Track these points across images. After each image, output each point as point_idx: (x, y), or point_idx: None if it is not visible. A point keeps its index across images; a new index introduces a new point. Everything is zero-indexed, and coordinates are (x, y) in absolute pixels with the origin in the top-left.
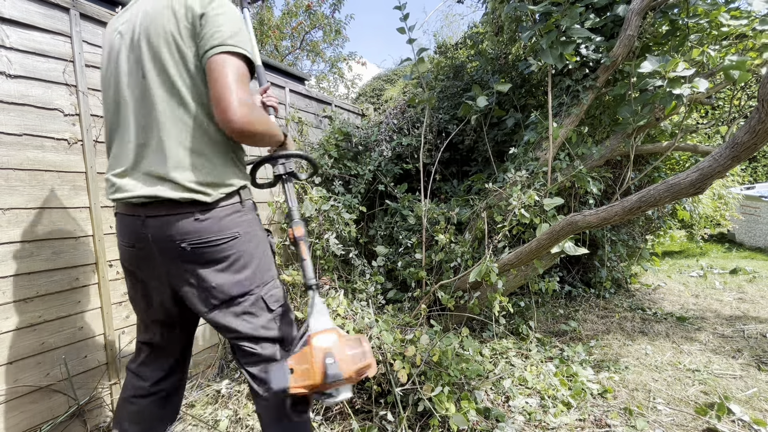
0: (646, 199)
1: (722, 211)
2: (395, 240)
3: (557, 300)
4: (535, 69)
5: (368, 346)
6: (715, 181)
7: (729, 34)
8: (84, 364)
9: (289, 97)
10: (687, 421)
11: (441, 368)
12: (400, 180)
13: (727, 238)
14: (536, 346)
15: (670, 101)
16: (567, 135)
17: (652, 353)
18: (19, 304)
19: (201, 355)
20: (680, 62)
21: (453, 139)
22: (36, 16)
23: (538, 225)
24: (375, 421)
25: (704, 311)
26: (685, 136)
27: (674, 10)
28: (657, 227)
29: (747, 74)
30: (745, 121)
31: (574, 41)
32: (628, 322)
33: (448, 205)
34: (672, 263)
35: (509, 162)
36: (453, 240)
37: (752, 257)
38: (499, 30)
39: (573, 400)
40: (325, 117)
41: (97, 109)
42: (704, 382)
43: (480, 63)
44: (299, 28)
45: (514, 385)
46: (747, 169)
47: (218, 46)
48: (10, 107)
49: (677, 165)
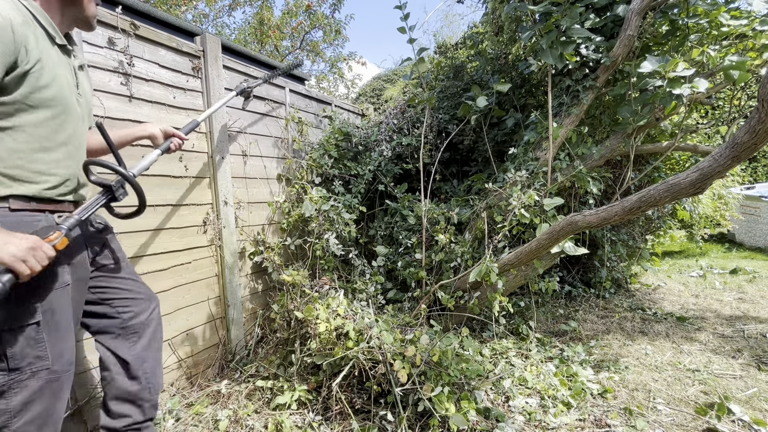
0: (646, 199)
1: (722, 211)
2: (395, 240)
3: (557, 300)
4: (535, 69)
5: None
6: (715, 181)
7: (729, 34)
8: (83, 364)
9: (289, 97)
10: (687, 421)
11: (441, 368)
12: (400, 180)
13: (727, 238)
14: (536, 346)
15: (670, 101)
16: (567, 135)
17: (652, 353)
18: None
19: (201, 355)
20: (680, 62)
21: (453, 139)
22: None
23: (538, 225)
24: (375, 421)
25: (704, 311)
26: (685, 136)
27: (674, 10)
28: (657, 227)
29: (747, 74)
30: (745, 121)
31: (574, 41)
32: (628, 322)
33: (448, 205)
34: (672, 263)
35: (509, 162)
36: (453, 240)
37: (752, 257)
38: (499, 30)
39: (573, 400)
40: (325, 117)
41: (98, 110)
42: (704, 382)
43: (480, 63)
44: (299, 28)
45: (514, 385)
46: (747, 169)
47: None
48: None
49: (677, 165)
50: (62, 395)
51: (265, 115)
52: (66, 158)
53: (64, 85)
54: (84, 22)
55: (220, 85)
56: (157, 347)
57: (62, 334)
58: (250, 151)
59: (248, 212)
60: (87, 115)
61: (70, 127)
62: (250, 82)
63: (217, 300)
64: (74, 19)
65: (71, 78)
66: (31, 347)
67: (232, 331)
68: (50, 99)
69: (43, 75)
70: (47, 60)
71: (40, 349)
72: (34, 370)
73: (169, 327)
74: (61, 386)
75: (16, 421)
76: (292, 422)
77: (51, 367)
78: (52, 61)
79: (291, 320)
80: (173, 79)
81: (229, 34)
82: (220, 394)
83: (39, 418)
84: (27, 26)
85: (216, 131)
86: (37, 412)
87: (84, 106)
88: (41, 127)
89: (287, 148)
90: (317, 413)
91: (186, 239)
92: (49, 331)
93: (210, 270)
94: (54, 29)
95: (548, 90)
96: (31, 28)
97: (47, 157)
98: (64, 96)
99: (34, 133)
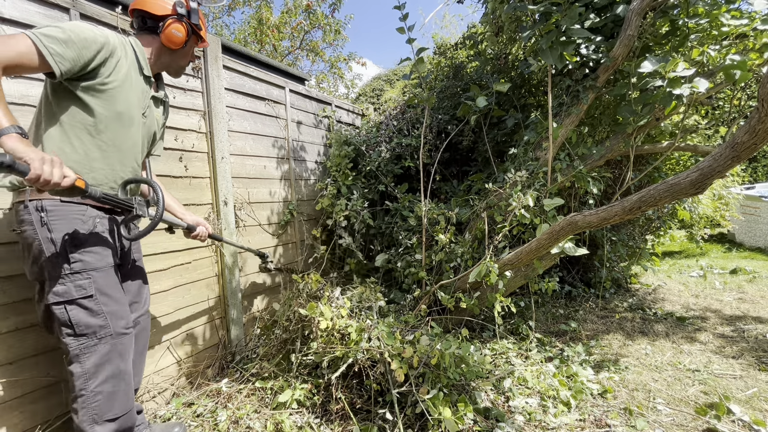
0: (646, 199)
1: (722, 211)
2: (395, 240)
3: (557, 300)
4: (535, 69)
5: None
6: (715, 181)
7: (729, 34)
8: None
9: (289, 97)
10: (687, 421)
11: (439, 371)
12: (401, 180)
13: (727, 238)
14: (536, 346)
15: (670, 101)
16: (567, 135)
17: (652, 353)
18: (19, 304)
19: (201, 355)
20: (680, 62)
21: (453, 139)
22: (36, 17)
23: (538, 225)
24: (375, 422)
25: (704, 311)
26: (685, 136)
27: (674, 10)
28: (657, 227)
29: (747, 74)
30: (745, 121)
31: (574, 41)
32: (628, 322)
33: (448, 205)
34: (672, 263)
35: (509, 162)
36: (453, 240)
37: (752, 257)
38: (498, 30)
39: (573, 400)
40: (325, 117)
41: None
42: (704, 382)
43: (479, 63)
44: (299, 27)
45: (514, 385)
46: (747, 169)
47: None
48: (11, 107)
49: (677, 165)
50: (127, 356)
51: (265, 115)
52: (115, 167)
53: (134, 106)
54: (174, 71)
55: (220, 85)
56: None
57: (117, 305)
58: (250, 151)
59: (248, 212)
60: (148, 140)
61: (127, 143)
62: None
63: (217, 300)
64: (166, 65)
65: (143, 103)
66: (92, 317)
67: (232, 331)
68: (119, 115)
69: (120, 93)
70: (126, 82)
71: (101, 319)
72: (100, 336)
73: (169, 327)
74: (125, 348)
75: (93, 382)
76: (292, 422)
77: (113, 332)
78: (131, 84)
79: (293, 320)
80: (173, 80)
81: (229, 34)
82: (220, 393)
83: (111, 377)
84: (123, 53)
85: (216, 131)
86: (110, 372)
87: (146, 130)
88: (104, 135)
89: (287, 148)
90: (317, 414)
91: (186, 239)
92: (105, 302)
93: (210, 270)
94: (145, 63)
95: (548, 90)
96: (125, 56)
97: (100, 163)
98: (131, 116)
99: (96, 142)
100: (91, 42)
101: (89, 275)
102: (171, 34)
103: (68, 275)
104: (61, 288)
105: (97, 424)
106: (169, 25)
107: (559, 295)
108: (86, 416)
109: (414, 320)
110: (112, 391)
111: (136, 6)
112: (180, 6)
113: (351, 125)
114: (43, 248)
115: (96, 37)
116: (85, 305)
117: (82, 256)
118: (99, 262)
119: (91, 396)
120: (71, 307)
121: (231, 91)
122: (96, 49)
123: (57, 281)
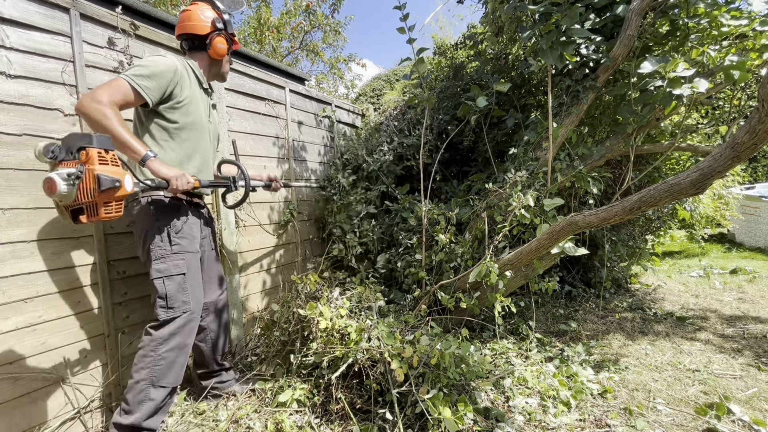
0: (646, 199)
1: (722, 211)
2: (395, 240)
3: (557, 300)
4: (535, 69)
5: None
6: (715, 181)
7: (729, 34)
8: (84, 365)
9: (289, 97)
10: (687, 421)
11: (439, 370)
12: (402, 181)
13: (727, 238)
14: (536, 346)
15: (670, 101)
16: (567, 135)
17: (652, 353)
18: (19, 303)
19: None
20: (680, 62)
21: (453, 139)
22: (36, 17)
23: (538, 225)
24: (375, 422)
25: (704, 311)
26: (685, 136)
27: (674, 10)
28: (657, 227)
29: (747, 74)
30: (745, 121)
31: (574, 41)
32: (628, 322)
33: (448, 205)
34: (672, 263)
35: (509, 162)
36: (453, 240)
37: (752, 257)
38: (498, 30)
39: (573, 400)
40: (325, 117)
41: None
42: (704, 382)
43: (480, 63)
44: (299, 28)
45: (514, 385)
46: (747, 169)
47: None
48: (11, 107)
49: (677, 165)
50: (193, 333)
51: (265, 115)
52: (200, 164)
53: (203, 115)
54: (221, 77)
55: (220, 85)
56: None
57: (197, 287)
58: (250, 151)
59: (248, 212)
60: (214, 138)
61: (203, 144)
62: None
63: None
64: (216, 74)
65: (207, 111)
66: (180, 293)
67: (233, 331)
68: (192, 123)
69: (191, 106)
70: (193, 96)
71: (186, 295)
72: (184, 310)
73: None
74: (194, 326)
75: (163, 347)
76: (293, 422)
77: (191, 309)
78: (197, 97)
79: (292, 321)
80: None
81: None
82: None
83: (177, 347)
84: (186, 74)
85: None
86: (177, 343)
87: (212, 131)
88: (187, 142)
89: (287, 148)
90: (317, 414)
91: None
92: (190, 282)
93: None
94: (203, 78)
95: (548, 90)
96: (188, 75)
97: (189, 164)
98: (202, 122)
99: (183, 146)
100: (166, 72)
101: (183, 257)
102: (217, 47)
103: (169, 255)
104: (163, 266)
105: (153, 387)
106: (214, 40)
107: (559, 295)
108: (147, 377)
109: (414, 320)
110: (174, 360)
111: (182, 32)
112: (218, 21)
113: (351, 125)
114: (152, 234)
115: (168, 66)
116: (178, 281)
117: (180, 240)
118: (190, 247)
119: (157, 359)
120: (168, 282)
121: (231, 91)
122: (170, 77)
123: (160, 260)
